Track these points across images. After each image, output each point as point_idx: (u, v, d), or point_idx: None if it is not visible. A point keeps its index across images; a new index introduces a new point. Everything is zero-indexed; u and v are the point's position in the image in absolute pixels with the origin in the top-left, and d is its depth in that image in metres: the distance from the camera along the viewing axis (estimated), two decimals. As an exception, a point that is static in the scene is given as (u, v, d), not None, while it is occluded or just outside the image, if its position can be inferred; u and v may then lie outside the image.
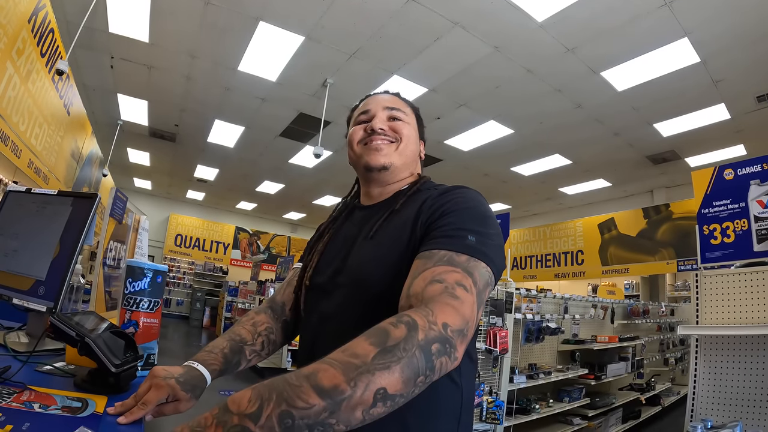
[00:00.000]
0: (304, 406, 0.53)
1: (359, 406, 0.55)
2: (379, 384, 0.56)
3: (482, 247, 0.80)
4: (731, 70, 5.27)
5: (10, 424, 0.73)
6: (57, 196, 1.43)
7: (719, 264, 2.59)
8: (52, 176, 4.69)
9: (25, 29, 3.40)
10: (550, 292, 4.54)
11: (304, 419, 0.53)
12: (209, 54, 5.93)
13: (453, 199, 0.89)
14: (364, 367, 0.57)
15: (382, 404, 0.57)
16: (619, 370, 4.82)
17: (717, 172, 2.69)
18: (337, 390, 0.54)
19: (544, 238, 10.83)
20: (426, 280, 0.73)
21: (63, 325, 1.04)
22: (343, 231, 1.08)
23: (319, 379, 0.56)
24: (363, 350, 0.59)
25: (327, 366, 0.57)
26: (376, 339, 0.61)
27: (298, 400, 0.54)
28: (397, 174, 1.06)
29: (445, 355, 0.63)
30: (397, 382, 0.57)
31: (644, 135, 7.20)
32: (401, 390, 0.58)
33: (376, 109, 1.07)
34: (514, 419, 3.51)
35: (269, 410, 0.53)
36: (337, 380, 0.55)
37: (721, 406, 2.36)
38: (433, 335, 0.62)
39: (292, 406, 0.53)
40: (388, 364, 0.57)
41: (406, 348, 0.59)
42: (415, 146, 1.09)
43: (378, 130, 1.03)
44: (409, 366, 0.58)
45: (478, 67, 5.69)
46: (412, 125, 1.09)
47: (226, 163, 10.78)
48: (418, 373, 0.59)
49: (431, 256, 0.78)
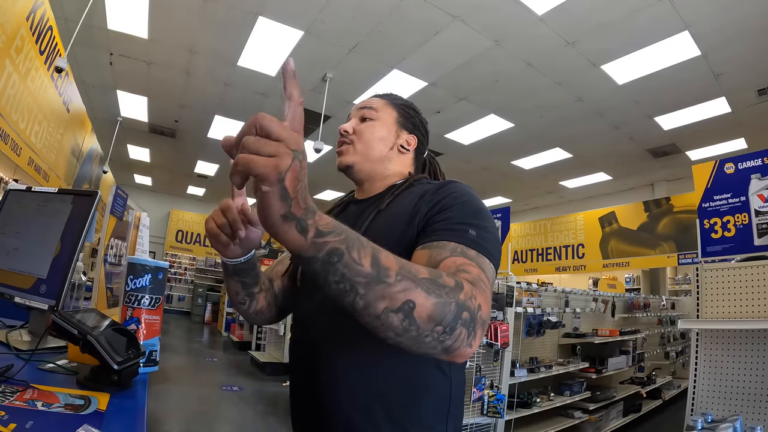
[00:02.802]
0: (356, 259, 0.57)
1: (386, 299, 0.58)
2: (413, 296, 0.59)
3: (484, 243, 0.81)
4: (732, 63, 5.25)
5: (14, 423, 0.74)
6: (57, 194, 1.44)
7: (720, 258, 2.59)
8: (52, 174, 4.69)
9: (23, 27, 3.39)
10: (551, 286, 4.54)
11: (346, 268, 0.57)
12: (208, 49, 5.92)
13: (451, 193, 0.91)
14: (414, 277, 0.61)
15: (401, 318, 0.59)
16: (619, 363, 4.83)
17: (718, 166, 2.68)
18: (386, 271, 0.59)
19: (544, 232, 10.83)
20: (452, 269, 0.73)
21: (65, 323, 1.05)
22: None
23: (380, 256, 0.60)
24: (420, 270, 0.63)
25: (392, 257, 0.61)
26: (432, 272, 0.64)
27: (355, 253, 0.58)
28: (371, 169, 1.11)
29: (466, 327, 0.63)
30: (426, 308, 0.60)
31: (645, 128, 7.18)
32: (423, 319, 0.60)
33: (351, 115, 1.16)
34: (515, 413, 3.52)
35: (331, 239, 0.57)
36: (392, 265, 0.60)
37: (722, 400, 2.37)
38: (469, 304, 0.64)
39: (348, 251, 0.57)
40: (429, 290, 0.61)
41: (449, 293, 0.62)
42: (384, 140, 1.12)
43: (342, 132, 1.12)
44: (442, 306, 0.61)
45: (478, 61, 5.67)
46: (383, 120, 1.13)
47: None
48: (443, 317, 0.61)
49: (443, 246, 0.80)
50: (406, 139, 1.15)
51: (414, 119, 1.18)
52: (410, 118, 1.17)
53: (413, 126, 1.17)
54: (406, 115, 1.16)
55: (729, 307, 2.43)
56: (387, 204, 1.01)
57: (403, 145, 1.14)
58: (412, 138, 1.15)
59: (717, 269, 2.53)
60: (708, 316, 2.50)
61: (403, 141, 1.14)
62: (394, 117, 1.14)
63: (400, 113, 1.16)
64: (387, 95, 1.20)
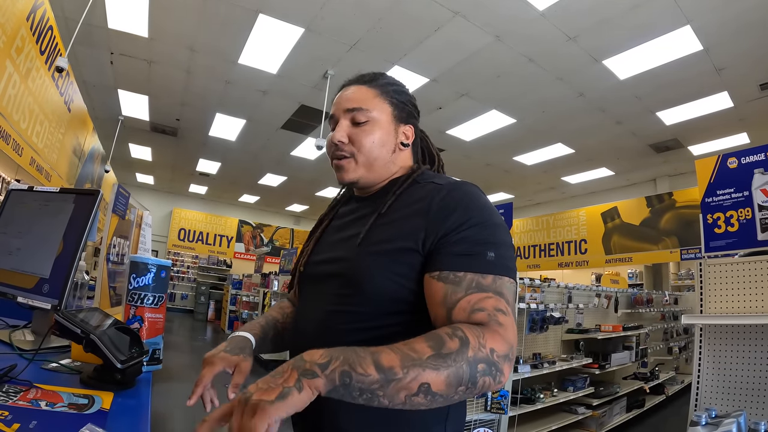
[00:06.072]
0: (362, 372, 0.64)
1: (403, 390, 0.65)
2: (425, 379, 0.66)
3: (502, 261, 0.82)
4: (734, 58, 5.22)
5: (17, 423, 0.74)
6: (59, 193, 1.44)
7: (723, 253, 2.58)
8: (54, 173, 4.70)
9: (23, 27, 3.39)
10: (554, 282, 4.53)
11: (359, 383, 0.64)
12: (209, 47, 5.91)
13: (464, 206, 0.86)
14: (419, 361, 0.66)
15: (423, 396, 0.66)
16: (623, 359, 4.83)
17: (720, 160, 2.67)
18: (391, 371, 0.65)
19: (547, 228, 10.82)
20: (466, 311, 0.77)
21: (68, 323, 1.05)
22: (337, 220, 1.11)
23: (380, 358, 0.66)
24: (421, 349, 0.68)
25: (389, 351, 0.68)
26: (434, 343, 0.69)
27: (359, 367, 0.65)
28: (377, 176, 1.03)
29: (488, 375, 0.70)
30: (441, 382, 0.67)
31: (647, 123, 7.16)
32: (442, 390, 0.67)
33: (338, 115, 1.03)
34: (518, 409, 3.52)
35: (335, 365, 0.65)
36: (394, 363, 0.66)
37: (726, 396, 2.37)
38: (481, 356, 0.70)
39: (354, 369, 0.64)
40: (438, 366, 0.67)
41: (456, 359, 0.68)
42: (385, 145, 1.01)
43: (337, 143, 1.00)
44: (455, 374, 0.67)
45: (479, 57, 5.65)
46: (379, 122, 1.01)
47: (228, 157, 10.77)
48: (460, 383, 0.68)
49: (458, 281, 0.80)
50: (404, 132, 1.05)
51: (407, 106, 1.06)
52: (404, 107, 1.05)
53: (407, 114, 1.06)
54: (400, 105, 1.05)
55: (733, 302, 2.43)
56: (388, 206, 0.95)
57: (403, 141, 1.05)
58: (408, 129, 1.06)
59: (720, 264, 2.52)
60: (711, 311, 2.49)
61: (401, 137, 1.04)
62: (389, 114, 1.02)
63: (393, 105, 1.03)
64: (372, 80, 1.05)
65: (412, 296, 0.85)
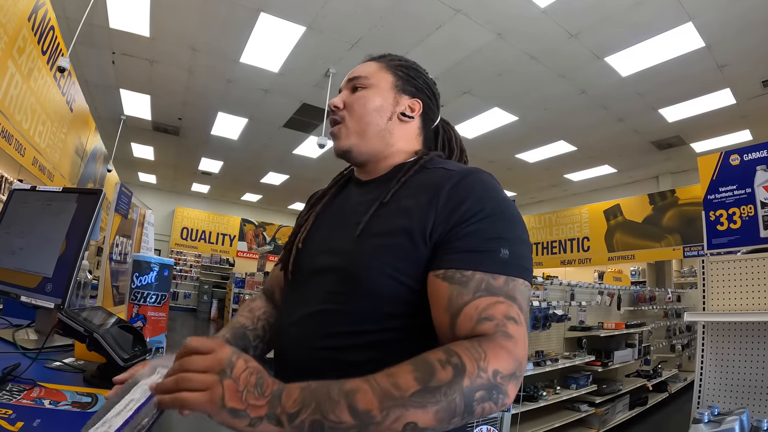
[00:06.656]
0: (335, 420, 0.57)
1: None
2: (409, 419, 0.58)
3: (517, 260, 0.73)
4: (736, 54, 5.20)
5: (21, 421, 0.74)
6: (62, 193, 1.44)
7: (725, 250, 2.57)
8: (56, 173, 4.71)
9: (25, 28, 3.40)
10: (557, 279, 4.54)
11: (333, 431, 0.57)
12: (211, 46, 5.91)
13: (476, 195, 0.77)
14: (401, 400, 0.58)
15: None
16: (625, 356, 4.82)
17: (723, 157, 2.66)
18: (368, 415, 0.57)
19: (549, 225, 10.80)
20: (472, 319, 0.68)
21: (71, 321, 1.06)
22: (334, 206, 1.00)
23: (356, 400, 0.58)
24: (405, 382, 0.59)
25: (367, 388, 0.59)
26: (421, 375, 0.60)
27: (332, 415, 0.57)
28: (372, 148, 0.95)
29: (489, 401, 0.62)
30: (429, 420, 0.58)
31: (649, 120, 7.14)
32: (433, 425, 0.59)
33: (343, 85, 1.00)
34: (521, 406, 3.52)
35: (305, 415, 0.58)
36: (371, 405, 0.58)
37: (728, 393, 2.36)
38: (479, 383, 0.61)
39: (326, 417, 0.57)
40: (424, 404, 0.58)
41: (447, 393, 0.59)
42: (380, 111, 0.94)
43: (332, 108, 0.96)
44: (445, 409, 0.59)
45: (481, 55, 5.65)
46: (377, 88, 0.95)
47: (231, 156, 10.78)
48: (453, 415, 0.60)
49: (466, 282, 0.70)
50: (408, 104, 0.97)
51: (416, 81, 0.99)
52: (410, 80, 0.98)
53: (416, 89, 0.98)
54: (405, 77, 0.98)
55: (735, 299, 2.42)
56: (392, 194, 0.85)
57: (405, 112, 0.96)
58: (415, 102, 0.97)
59: (723, 261, 2.51)
60: (714, 308, 2.49)
61: (404, 107, 0.96)
62: (390, 82, 0.96)
63: (397, 76, 0.97)
64: (382, 57, 1.01)
65: (412, 296, 0.76)
